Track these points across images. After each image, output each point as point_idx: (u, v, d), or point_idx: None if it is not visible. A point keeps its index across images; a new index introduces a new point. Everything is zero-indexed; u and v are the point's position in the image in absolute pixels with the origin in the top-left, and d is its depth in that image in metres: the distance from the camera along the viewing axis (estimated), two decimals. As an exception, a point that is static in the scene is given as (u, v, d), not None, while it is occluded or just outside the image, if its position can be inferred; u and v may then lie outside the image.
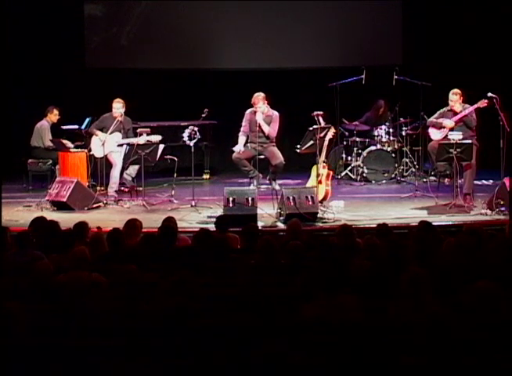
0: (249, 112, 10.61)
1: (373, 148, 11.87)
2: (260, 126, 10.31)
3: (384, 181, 11.74)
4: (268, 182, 10.73)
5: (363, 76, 11.76)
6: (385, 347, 4.00)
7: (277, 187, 10.29)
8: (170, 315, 4.18)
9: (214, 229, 7.16)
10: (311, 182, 9.66)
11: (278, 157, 10.43)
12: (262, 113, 10.42)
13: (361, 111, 12.39)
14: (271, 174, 10.62)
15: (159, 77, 13.11)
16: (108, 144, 10.39)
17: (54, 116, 11.48)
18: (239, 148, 10.47)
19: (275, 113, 10.52)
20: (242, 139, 10.59)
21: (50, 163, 11.29)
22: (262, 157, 10.45)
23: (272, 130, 10.45)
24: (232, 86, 12.84)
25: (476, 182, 10.09)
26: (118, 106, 10.52)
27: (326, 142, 9.71)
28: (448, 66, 12.67)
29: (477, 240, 5.96)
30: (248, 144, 10.58)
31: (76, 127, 11.84)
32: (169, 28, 13.17)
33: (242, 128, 10.63)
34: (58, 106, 11.51)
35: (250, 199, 8.91)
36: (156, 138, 10.24)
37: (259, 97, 10.39)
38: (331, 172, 9.99)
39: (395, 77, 11.59)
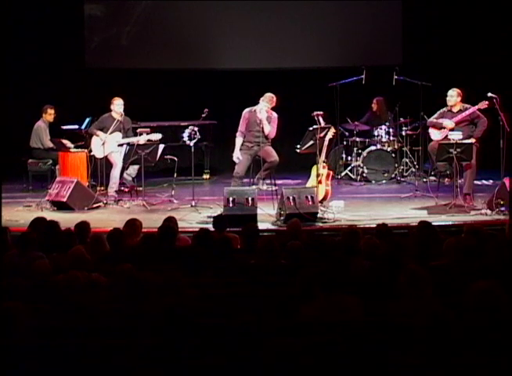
0: (247, 111, 10.27)
1: (373, 148, 11.88)
2: (262, 123, 10.02)
3: (384, 181, 11.76)
4: (255, 181, 10.36)
5: (363, 76, 11.77)
6: (385, 347, 4.00)
7: (264, 187, 10.19)
8: (170, 315, 4.18)
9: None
10: (311, 182, 9.66)
11: (273, 155, 10.13)
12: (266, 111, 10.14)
13: (361, 111, 12.40)
14: (262, 171, 10.25)
15: (159, 77, 13.11)
16: (108, 144, 10.38)
17: (49, 115, 11.49)
18: (236, 155, 10.10)
19: (275, 115, 10.27)
20: (239, 141, 10.21)
21: (50, 163, 11.30)
22: (257, 157, 10.34)
23: (272, 129, 10.14)
24: (232, 86, 12.85)
25: (476, 182, 10.10)
26: (120, 103, 10.52)
27: (326, 142, 9.70)
28: (448, 66, 12.68)
29: (477, 240, 5.96)
30: (244, 144, 10.18)
31: (76, 127, 11.85)
32: (169, 28, 13.18)
33: (239, 128, 10.22)
34: (54, 105, 11.52)
35: (250, 199, 8.90)
36: (157, 136, 10.25)
37: (275, 98, 10.12)
38: (331, 172, 9.99)
39: (395, 77, 11.60)
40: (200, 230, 6.74)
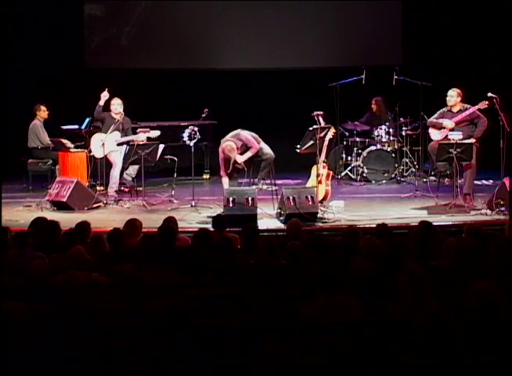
0: (221, 151, 9.89)
1: (373, 148, 11.88)
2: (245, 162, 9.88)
3: (384, 181, 11.75)
4: (255, 181, 10.37)
5: (363, 76, 11.77)
6: (385, 347, 4.00)
7: (264, 187, 10.19)
8: (170, 315, 4.18)
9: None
10: (311, 182, 9.66)
11: (267, 152, 10.09)
12: (236, 150, 9.84)
13: (361, 111, 12.40)
14: (261, 171, 10.22)
15: (159, 77, 13.11)
16: (108, 144, 10.38)
17: (43, 112, 11.50)
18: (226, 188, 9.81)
19: (241, 133, 9.97)
20: (225, 180, 9.89)
21: (50, 163, 11.30)
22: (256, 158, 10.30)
23: (253, 149, 9.92)
24: (232, 86, 12.84)
25: (476, 182, 10.09)
26: (119, 103, 10.53)
27: (326, 142, 9.70)
28: (448, 66, 12.68)
29: (477, 240, 5.96)
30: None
31: (76, 127, 11.85)
32: (169, 28, 13.19)
33: (221, 168, 9.93)
34: (47, 104, 11.52)
35: (250, 199, 8.90)
36: (155, 133, 10.28)
37: (228, 148, 9.72)
38: (331, 172, 9.98)
39: (395, 77, 11.60)
40: (200, 230, 6.75)
